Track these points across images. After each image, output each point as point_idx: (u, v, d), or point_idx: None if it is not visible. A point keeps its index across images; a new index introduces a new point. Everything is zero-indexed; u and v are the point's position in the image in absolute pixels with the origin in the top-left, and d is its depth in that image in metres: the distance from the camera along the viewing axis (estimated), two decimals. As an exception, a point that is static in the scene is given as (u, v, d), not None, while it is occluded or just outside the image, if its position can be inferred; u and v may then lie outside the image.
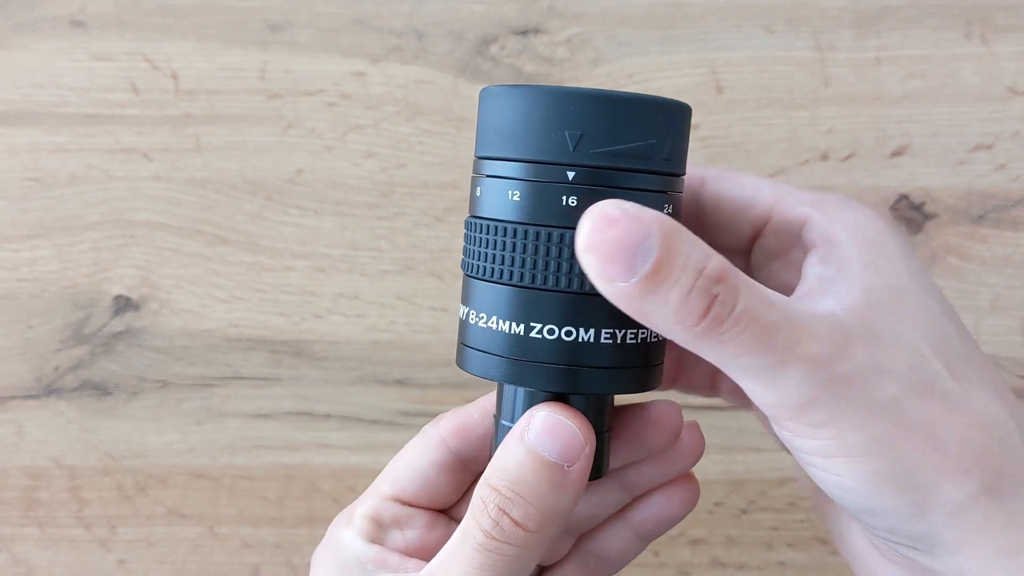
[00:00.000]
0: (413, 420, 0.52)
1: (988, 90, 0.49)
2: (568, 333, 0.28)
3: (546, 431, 0.28)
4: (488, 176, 0.29)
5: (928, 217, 0.50)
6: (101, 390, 0.52)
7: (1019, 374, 0.50)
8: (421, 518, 0.33)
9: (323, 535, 0.52)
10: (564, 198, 0.27)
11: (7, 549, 0.53)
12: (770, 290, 0.26)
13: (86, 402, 0.52)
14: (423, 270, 0.51)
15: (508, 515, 0.27)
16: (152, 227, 0.51)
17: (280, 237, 0.51)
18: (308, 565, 0.53)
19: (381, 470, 0.35)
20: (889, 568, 0.29)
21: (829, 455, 0.26)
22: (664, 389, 0.35)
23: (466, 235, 0.30)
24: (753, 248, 0.33)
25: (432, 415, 0.51)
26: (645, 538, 0.35)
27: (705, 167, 0.34)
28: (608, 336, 0.28)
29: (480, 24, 0.49)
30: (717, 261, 0.25)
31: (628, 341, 0.29)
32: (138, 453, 0.52)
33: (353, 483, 0.52)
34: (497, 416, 0.31)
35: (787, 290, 0.30)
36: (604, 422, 0.31)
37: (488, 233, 0.29)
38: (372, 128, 0.50)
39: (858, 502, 0.27)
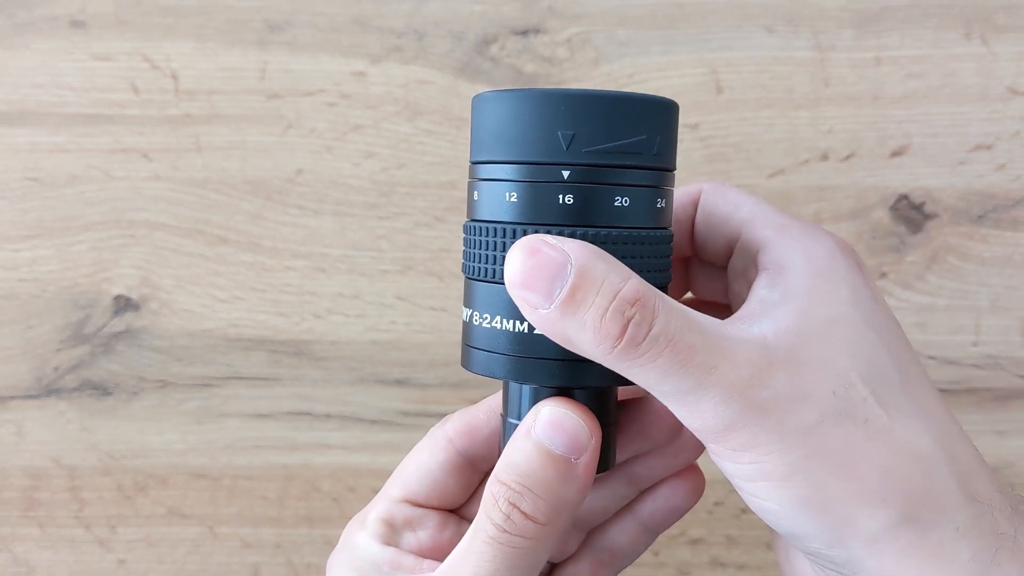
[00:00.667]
0: (413, 420, 0.52)
1: (988, 90, 0.49)
2: None
3: (552, 425, 0.28)
4: (484, 180, 0.30)
5: (928, 217, 0.50)
6: (101, 390, 0.52)
7: (1019, 374, 0.50)
8: (432, 519, 0.34)
9: (322, 535, 0.53)
10: (561, 197, 0.28)
11: (7, 549, 0.53)
12: (698, 313, 0.27)
13: (86, 402, 0.52)
14: (423, 270, 0.51)
15: (519, 508, 0.28)
16: (152, 227, 0.51)
17: (280, 237, 0.51)
18: (308, 565, 0.53)
19: (381, 470, 0.35)
20: None
21: (751, 479, 0.27)
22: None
23: (465, 239, 0.31)
24: (728, 264, 0.34)
25: (432, 415, 0.52)
26: (653, 530, 0.35)
27: (705, 180, 0.34)
28: None
29: (480, 24, 0.49)
30: (633, 284, 0.26)
31: None
32: (138, 453, 0.52)
33: (353, 483, 0.52)
34: (504, 415, 0.32)
35: None
36: (609, 415, 0.31)
37: (488, 235, 0.29)
38: (372, 128, 0.50)
39: (782, 526, 0.28)
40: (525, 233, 0.28)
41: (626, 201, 0.28)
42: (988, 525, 0.26)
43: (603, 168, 0.28)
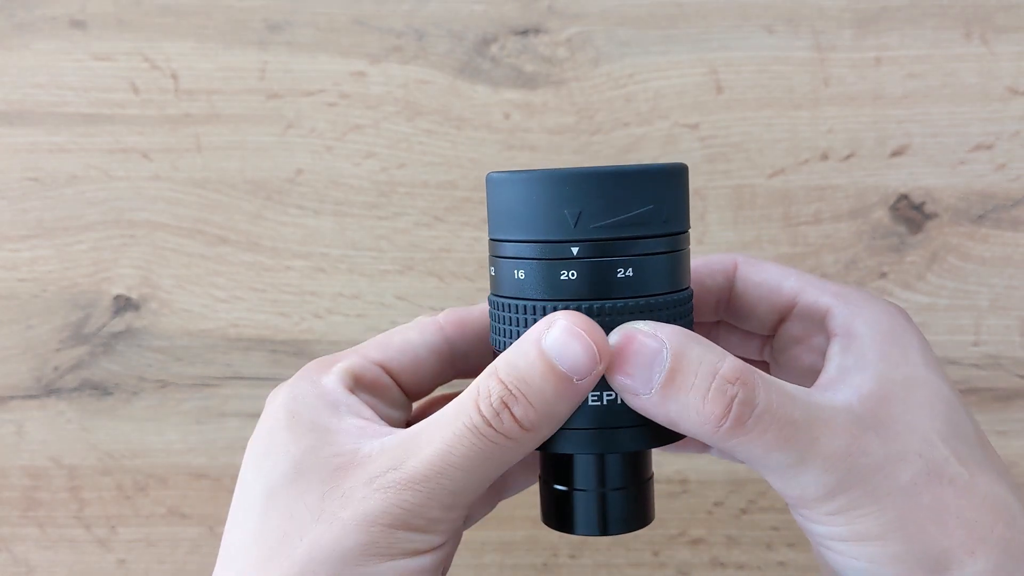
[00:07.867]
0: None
1: (988, 90, 0.49)
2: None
3: (563, 341, 0.27)
4: (499, 257, 0.31)
5: (928, 217, 0.50)
6: (101, 390, 0.52)
7: (1019, 374, 0.50)
8: (394, 395, 0.33)
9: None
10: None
11: (7, 549, 0.53)
12: (789, 384, 0.28)
13: (86, 402, 0.52)
14: (423, 270, 0.51)
15: (509, 410, 0.27)
16: (152, 227, 0.51)
17: (280, 237, 0.51)
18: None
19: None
20: None
21: (843, 539, 0.28)
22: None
23: (490, 312, 0.32)
24: (777, 332, 0.35)
25: (432, 415, 0.52)
26: None
27: (737, 254, 0.35)
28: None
29: (480, 24, 0.49)
30: (731, 363, 0.27)
31: None
32: (138, 453, 0.52)
33: (353, 483, 0.52)
34: (541, 476, 0.33)
35: (808, 373, 0.32)
36: (647, 469, 0.32)
37: (505, 311, 0.30)
38: (372, 128, 0.50)
39: None
40: (535, 309, 0.29)
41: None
42: None
43: (610, 242, 0.29)
